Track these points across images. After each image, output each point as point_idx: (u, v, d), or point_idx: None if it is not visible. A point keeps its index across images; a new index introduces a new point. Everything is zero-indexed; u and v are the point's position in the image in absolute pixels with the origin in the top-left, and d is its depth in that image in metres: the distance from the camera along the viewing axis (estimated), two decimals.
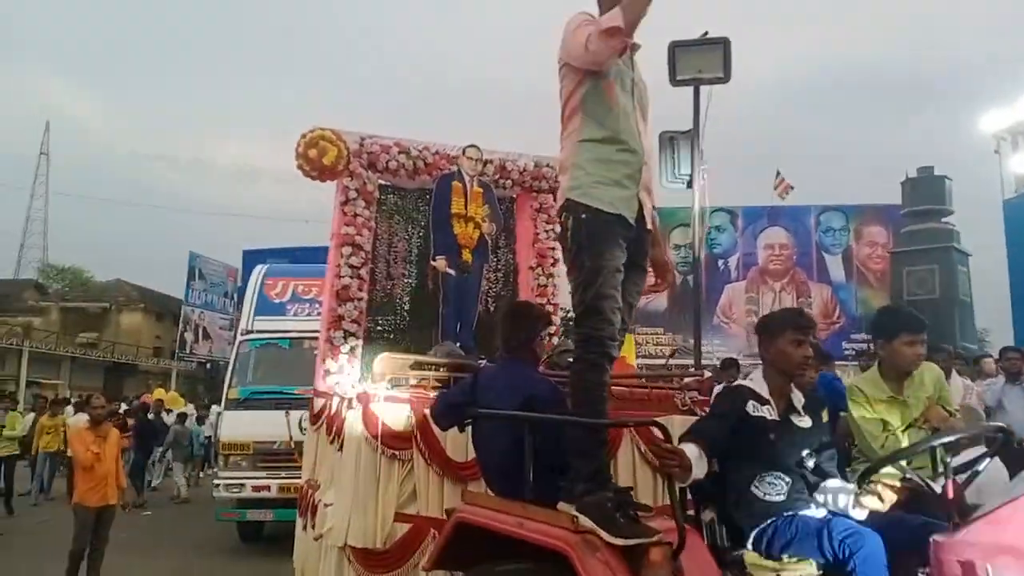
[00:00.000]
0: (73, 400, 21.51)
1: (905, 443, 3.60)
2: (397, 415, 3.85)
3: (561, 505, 2.76)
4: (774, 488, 2.90)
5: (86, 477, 7.45)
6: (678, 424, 4.74)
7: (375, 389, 3.89)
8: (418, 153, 7.04)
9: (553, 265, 7.61)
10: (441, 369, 4.57)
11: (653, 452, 2.65)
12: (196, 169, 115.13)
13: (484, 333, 7.19)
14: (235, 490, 9.63)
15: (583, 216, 3.05)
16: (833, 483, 3.04)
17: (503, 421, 3.17)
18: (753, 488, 2.90)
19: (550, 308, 7.51)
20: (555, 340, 7.63)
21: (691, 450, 2.63)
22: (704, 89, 8.65)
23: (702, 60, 8.38)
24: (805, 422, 3.10)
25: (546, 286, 7.52)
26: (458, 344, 6.60)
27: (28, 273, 56.37)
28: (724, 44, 8.39)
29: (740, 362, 12.65)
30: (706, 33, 8.56)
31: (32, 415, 16.76)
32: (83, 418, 11.10)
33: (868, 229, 26.13)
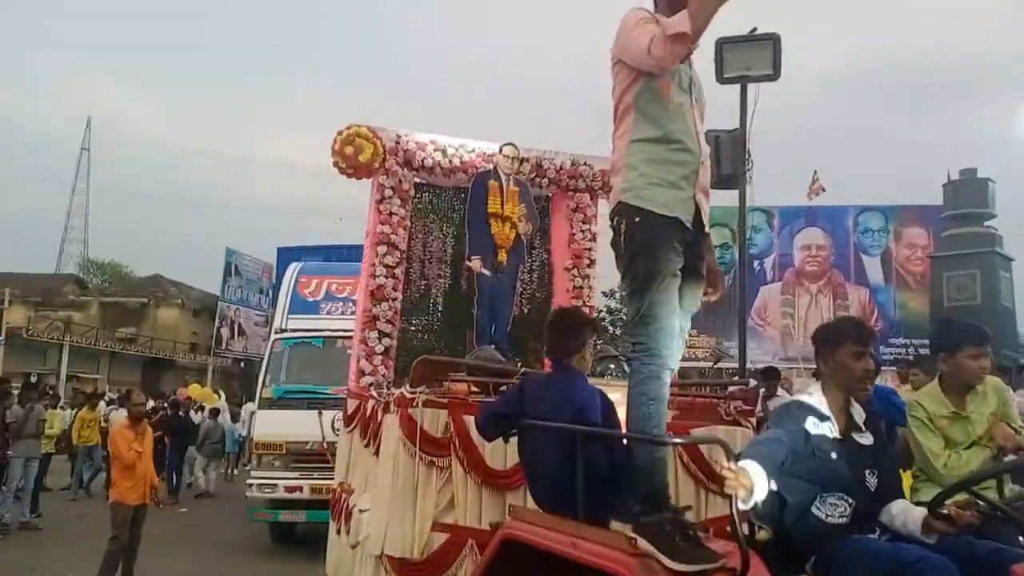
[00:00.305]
0: (110, 395, 21.67)
1: (970, 462, 3.39)
2: (436, 420, 3.70)
3: (615, 525, 2.62)
4: (836, 510, 2.70)
5: (127, 475, 7.44)
6: (722, 435, 4.57)
7: (413, 393, 3.75)
8: (454, 151, 6.89)
9: (589, 266, 7.44)
10: (479, 373, 4.41)
11: (717, 471, 2.46)
12: (237, 166, 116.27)
13: (519, 335, 7.06)
14: (268, 490, 9.60)
15: (636, 220, 2.90)
16: (899, 504, 2.83)
17: (554, 433, 3.01)
18: (814, 509, 2.70)
19: (586, 310, 7.36)
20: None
21: (753, 469, 2.45)
22: (751, 87, 8.38)
23: (750, 57, 8.09)
24: (867, 439, 2.89)
25: (581, 287, 7.34)
26: (492, 346, 6.44)
27: (69, 268, 57.34)
28: (774, 41, 8.09)
29: (778, 367, 12.37)
30: (754, 29, 8.27)
31: (71, 411, 16.92)
32: (123, 414, 11.16)
33: (908, 230, 25.52)
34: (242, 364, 37.15)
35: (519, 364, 5.18)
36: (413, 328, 7.19)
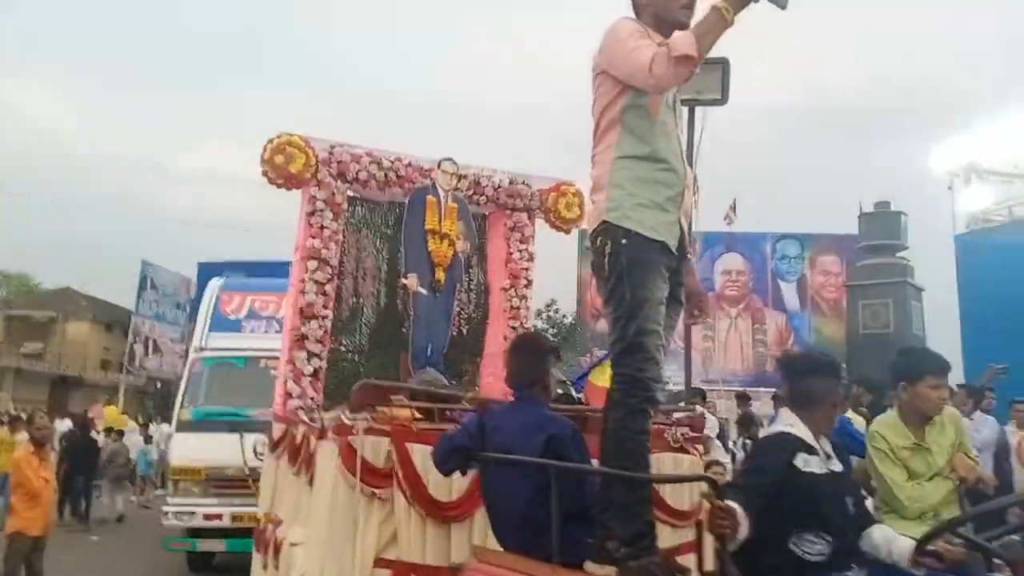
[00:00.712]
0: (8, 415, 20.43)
1: (933, 494, 3.32)
2: (377, 449, 3.42)
3: (590, 567, 2.40)
4: (814, 547, 2.55)
5: (31, 504, 6.95)
6: (669, 463, 4.38)
7: (353, 419, 3.45)
8: (390, 164, 6.60)
9: (526, 287, 7.23)
10: (424, 398, 4.12)
11: (699, 508, 2.29)
12: (152, 173, 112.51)
13: (454, 357, 6.80)
14: (185, 518, 9.11)
15: (623, 241, 2.73)
16: (880, 532, 2.72)
17: (523, 468, 2.77)
18: (792, 546, 2.54)
19: (522, 331, 7.15)
20: None
21: (739, 509, 2.26)
22: (699, 111, 8.29)
23: (700, 81, 8.01)
24: (837, 465, 2.78)
25: (519, 308, 7.11)
26: (426, 367, 6.17)
27: None
28: (723, 65, 8.03)
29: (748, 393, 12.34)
30: None
31: None
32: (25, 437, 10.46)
33: (823, 258, 26.31)
34: (158, 384, 35.63)
35: (469, 390, 4.86)
36: (343, 348, 6.85)
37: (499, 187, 7.02)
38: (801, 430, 2.70)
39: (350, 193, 6.67)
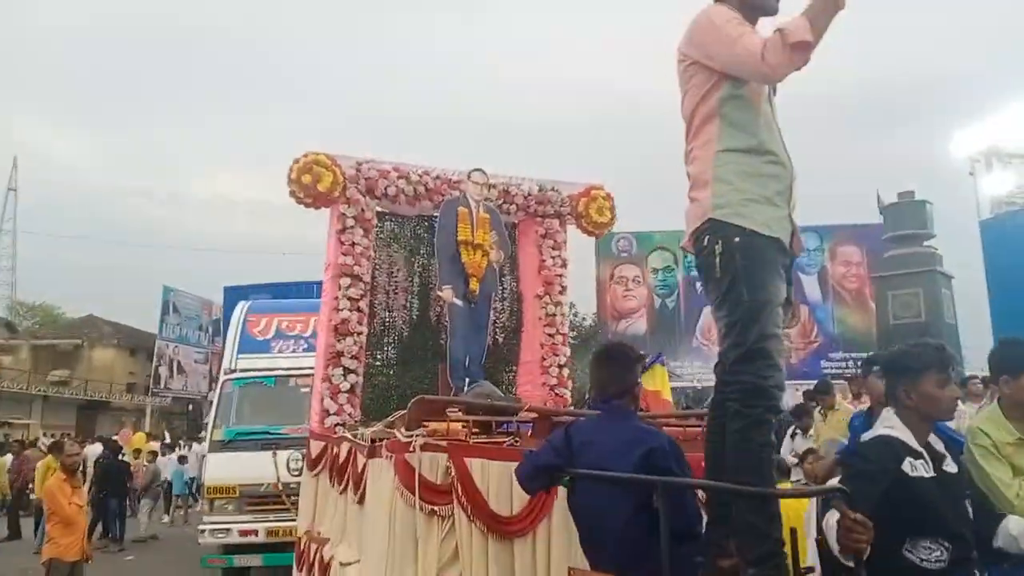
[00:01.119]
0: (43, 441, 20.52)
1: None
2: (434, 465, 3.32)
3: None
4: (932, 554, 2.38)
5: (66, 530, 6.91)
6: None
7: (410, 436, 3.35)
8: (418, 178, 6.55)
9: (561, 293, 7.14)
10: (480, 412, 4.01)
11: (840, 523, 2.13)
12: (172, 203, 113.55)
13: (490, 366, 6.71)
14: (221, 535, 9.13)
15: (736, 240, 2.53)
16: (1017, 524, 2.59)
17: (621, 484, 2.61)
18: (906, 553, 2.39)
19: (560, 338, 7.05)
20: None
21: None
22: None
23: None
24: (952, 466, 2.61)
25: (554, 315, 7.02)
26: (467, 379, 6.08)
27: None
28: None
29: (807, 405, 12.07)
30: None
31: (9, 457, 15.93)
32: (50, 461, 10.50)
33: (842, 249, 26.03)
34: (190, 406, 35.68)
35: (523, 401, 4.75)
36: (378, 363, 6.78)
37: (529, 195, 6.94)
38: (903, 432, 2.56)
39: (378, 208, 6.61)
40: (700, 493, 2.79)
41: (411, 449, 3.32)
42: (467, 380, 6.04)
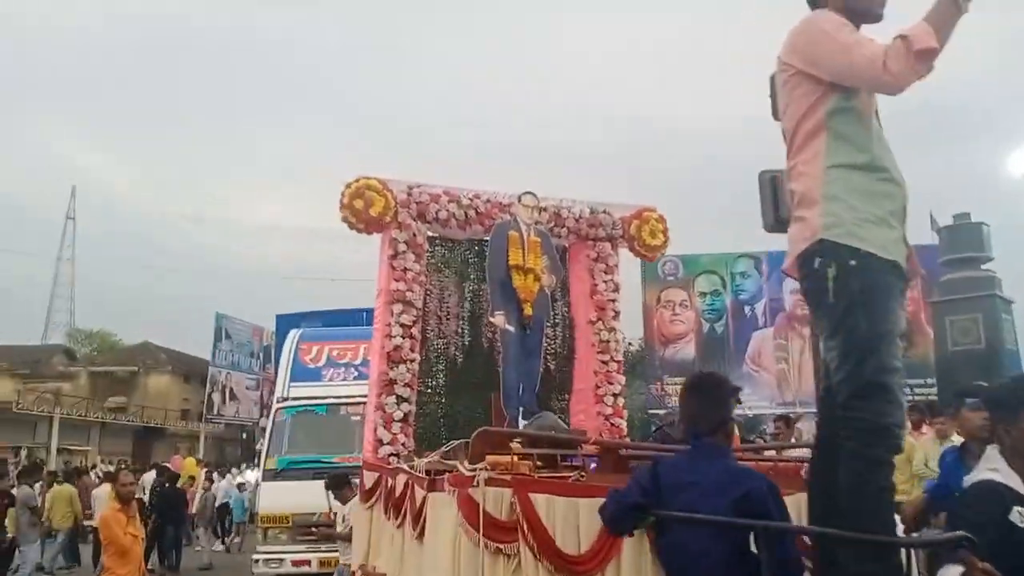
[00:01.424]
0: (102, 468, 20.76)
1: None
2: (498, 501, 3.15)
3: None
4: None
5: (123, 561, 6.78)
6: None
7: (473, 470, 3.19)
8: (469, 202, 6.43)
9: (614, 318, 6.94)
10: (544, 444, 3.82)
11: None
12: (222, 230, 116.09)
13: (542, 394, 6.52)
14: (275, 565, 9.22)
15: (852, 263, 2.34)
16: None
17: (717, 528, 2.42)
18: None
19: (614, 366, 6.84)
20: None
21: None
22: None
23: None
24: None
25: (608, 341, 6.82)
26: (520, 408, 5.90)
27: (56, 338, 56.06)
28: None
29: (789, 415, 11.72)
30: None
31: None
32: (107, 490, 10.55)
33: None
34: (243, 434, 36.21)
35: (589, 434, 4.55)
36: (429, 391, 6.64)
37: (580, 217, 6.78)
38: (1009, 477, 2.31)
39: (429, 233, 6.51)
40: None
41: (474, 483, 3.15)
42: (520, 409, 5.86)
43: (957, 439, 5.75)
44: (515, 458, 3.40)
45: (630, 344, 28.44)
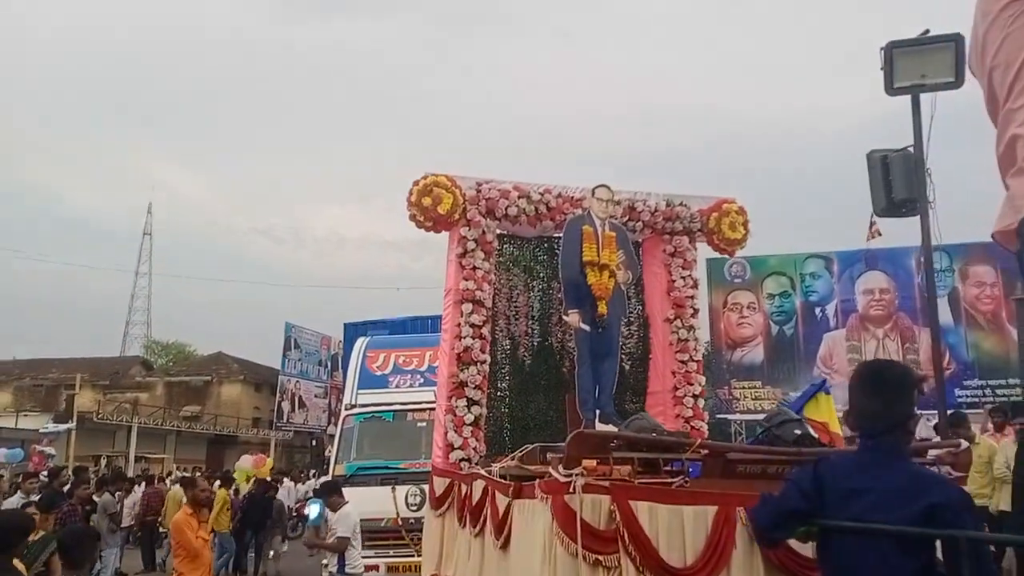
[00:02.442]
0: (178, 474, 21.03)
1: None
2: (596, 509, 2.82)
3: None
4: None
5: (193, 564, 6.80)
6: None
7: (568, 476, 2.86)
8: (539, 197, 6.12)
9: (693, 316, 6.54)
10: (645, 448, 3.45)
11: None
12: (291, 241, 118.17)
13: (616, 396, 6.17)
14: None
15: None
16: None
17: (901, 543, 2.06)
18: None
19: (693, 366, 6.44)
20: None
21: None
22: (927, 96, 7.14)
23: (926, 63, 6.94)
24: None
25: (687, 340, 6.42)
26: (597, 411, 5.55)
27: (134, 350, 57.71)
28: (956, 42, 6.85)
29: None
30: (927, 31, 7.18)
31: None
32: (179, 492, 10.62)
33: (974, 269, 24.07)
34: (313, 441, 36.60)
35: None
36: (499, 394, 6.33)
37: (656, 211, 6.41)
38: None
39: (498, 231, 6.22)
40: None
41: (571, 490, 2.82)
42: (597, 412, 5.52)
43: None
44: (613, 463, 3.06)
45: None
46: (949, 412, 8.64)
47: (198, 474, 16.19)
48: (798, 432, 3.45)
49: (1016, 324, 21.22)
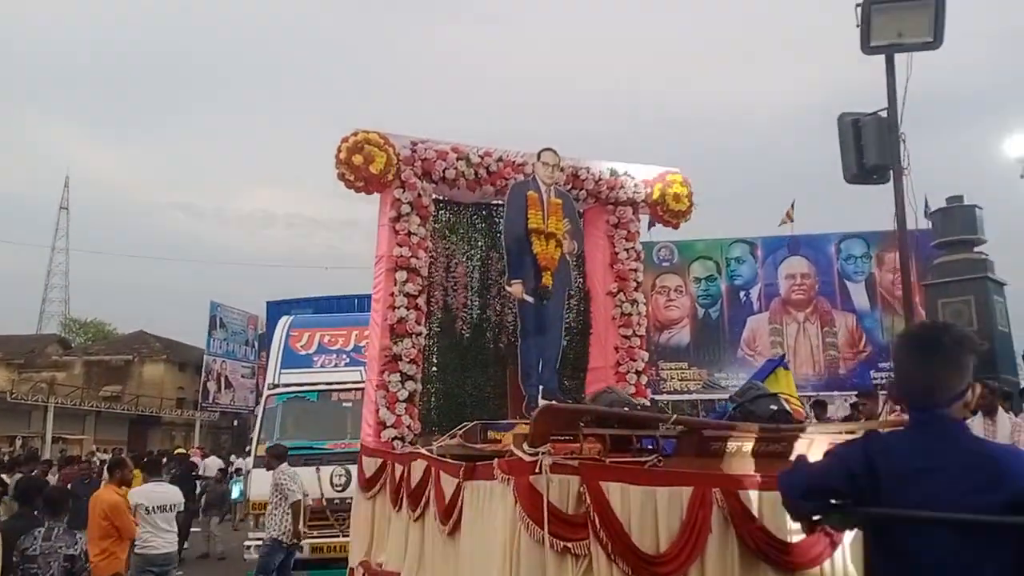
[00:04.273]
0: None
1: None
2: (564, 491, 2.40)
3: None
4: None
5: (123, 546, 6.55)
6: None
7: (535, 454, 2.43)
8: (479, 160, 5.65)
9: (636, 290, 6.20)
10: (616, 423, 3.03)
11: None
12: (214, 218, 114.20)
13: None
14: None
15: None
16: None
17: (987, 536, 1.70)
18: None
19: (637, 341, 6.09)
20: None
21: None
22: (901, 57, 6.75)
23: (904, 21, 6.55)
24: None
25: (631, 314, 6.08)
26: (540, 386, 5.15)
27: (51, 328, 54.86)
28: (936, 1, 6.48)
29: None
30: None
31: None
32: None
33: (891, 255, 24.57)
34: (235, 422, 35.42)
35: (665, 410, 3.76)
36: (434, 369, 5.86)
37: (600, 179, 6.02)
38: None
39: (434, 195, 5.73)
40: None
41: (536, 470, 2.39)
42: (540, 388, 5.12)
43: None
44: (583, 441, 2.64)
45: None
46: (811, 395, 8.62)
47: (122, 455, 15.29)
48: (774, 407, 3.09)
49: (925, 309, 21.77)
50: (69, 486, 9.14)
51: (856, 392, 12.00)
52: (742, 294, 25.15)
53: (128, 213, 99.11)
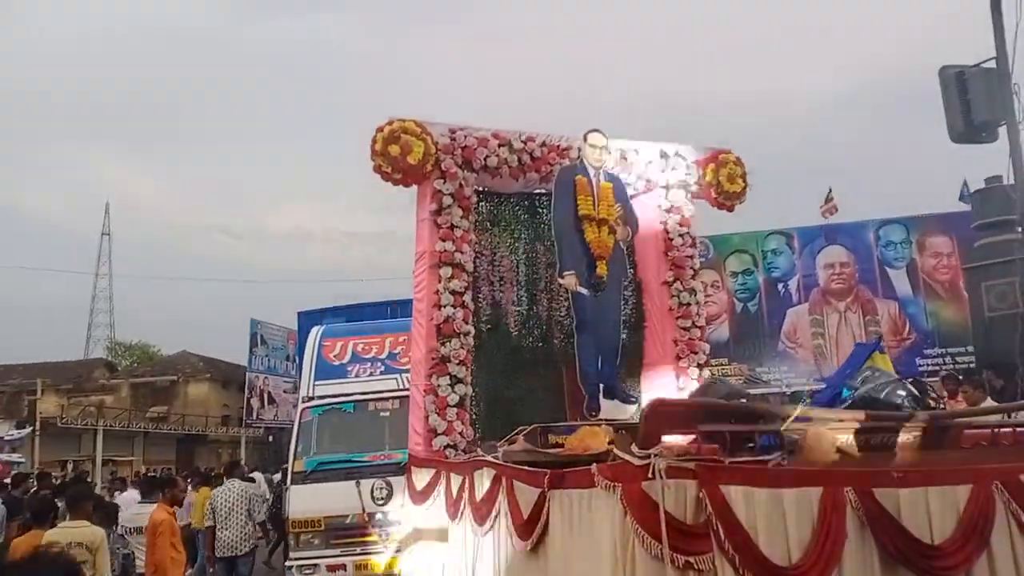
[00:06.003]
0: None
1: None
2: (680, 498, 1.98)
3: None
4: None
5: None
6: None
7: (646, 458, 2.01)
8: (521, 145, 5.23)
9: (693, 278, 5.71)
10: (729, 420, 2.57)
11: None
12: (252, 238, 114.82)
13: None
14: (309, 571, 8.17)
15: None
16: None
17: None
18: None
19: (697, 332, 5.62)
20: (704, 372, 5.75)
21: None
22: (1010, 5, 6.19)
23: None
24: None
25: (689, 304, 5.60)
26: (600, 385, 4.71)
27: (97, 352, 55.51)
28: None
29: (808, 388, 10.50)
30: None
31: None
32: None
33: (931, 240, 23.76)
34: (270, 437, 35.42)
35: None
36: (483, 370, 5.43)
37: (649, 161, 5.57)
38: None
39: (476, 186, 5.32)
40: None
41: (649, 475, 1.97)
42: (601, 386, 4.68)
43: None
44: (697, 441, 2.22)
45: None
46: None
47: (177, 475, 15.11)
48: (902, 393, 2.62)
49: (968, 292, 20.95)
50: None
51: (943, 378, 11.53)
52: (780, 286, 24.44)
53: (167, 237, 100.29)
